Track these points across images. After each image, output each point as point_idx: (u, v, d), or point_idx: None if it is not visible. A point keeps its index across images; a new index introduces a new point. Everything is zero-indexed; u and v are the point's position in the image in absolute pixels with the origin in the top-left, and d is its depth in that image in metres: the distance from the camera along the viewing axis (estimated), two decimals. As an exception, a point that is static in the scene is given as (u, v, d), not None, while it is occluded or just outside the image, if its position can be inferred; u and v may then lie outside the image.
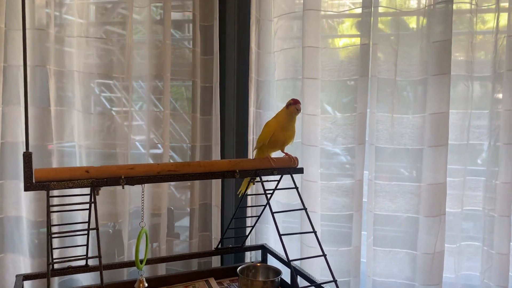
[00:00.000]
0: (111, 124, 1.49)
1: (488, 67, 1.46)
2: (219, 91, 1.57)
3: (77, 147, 1.45)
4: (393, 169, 1.49)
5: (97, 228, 0.87)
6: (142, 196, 1.09)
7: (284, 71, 1.59)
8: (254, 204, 1.61)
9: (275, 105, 1.61)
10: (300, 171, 1.17)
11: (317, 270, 1.51)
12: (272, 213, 1.03)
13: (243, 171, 1.09)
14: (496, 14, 1.44)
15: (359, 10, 1.46)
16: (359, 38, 1.46)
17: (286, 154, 1.18)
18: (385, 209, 1.49)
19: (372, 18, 1.44)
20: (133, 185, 0.99)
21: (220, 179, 1.59)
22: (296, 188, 1.10)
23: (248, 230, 1.49)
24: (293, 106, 1.11)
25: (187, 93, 1.64)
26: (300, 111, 1.13)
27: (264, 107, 1.65)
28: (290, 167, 1.15)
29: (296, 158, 1.16)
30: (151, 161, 1.54)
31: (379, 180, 1.49)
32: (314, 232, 1.03)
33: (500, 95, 1.43)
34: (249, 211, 1.57)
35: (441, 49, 1.39)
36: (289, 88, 1.60)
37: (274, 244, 1.63)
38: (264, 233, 1.67)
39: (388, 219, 1.49)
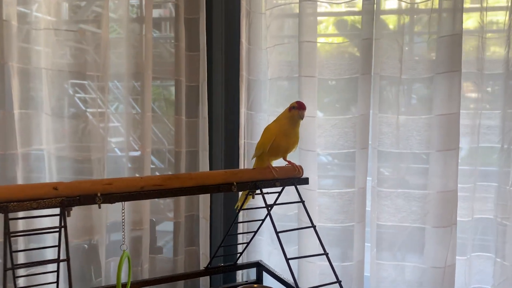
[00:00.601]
0: (86, 127, 1.32)
1: (499, 64, 1.35)
2: (207, 91, 1.42)
3: (46, 154, 1.27)
4: (398, 175, 1.36)
5: (67, 259, 0.71)
6: (123, 214, 0.92)
7: (278, 69, 1.45)
8: (246, 218, 1.46)
9: (268, 107, 1.47)
10: (305, 181, 1.02)
11: (315, 281, 1.37)
12: (277, 233, 0.88)
13: (241, 184, 0.94)
14: (508, 10, 1.33)
15: (361, 2, 1.33)
16: (361, 32, 1.33)
17: (289, 162, 1.03)
18: (390, 219, 1.36)
19: (375, 10, 1.32)
20: (112, 203, 0.83)
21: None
22: (302, 201, 0.96)
23: (240, 246, 1.34)
24: (296, 111, 0.97)
25: (170, 94, 1.49)
26: (302, 118, 0.98)
27: (256, 108, 1.50)
28: (294, 177, 1.01)
29: (300, 167, 1.02)
30: (129, 166, 1.37)
31: (383, 188, 1.36)
32: (326, 254, 0.89)
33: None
34: (240, 225, 1.41)
35: (451, 44, 1.27)
36: (283, 87, 1.46)
37: (267, 258, 1.48)
38: (256, 246, 1.52)
39: (394, 230, 1.37)
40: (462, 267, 1.38)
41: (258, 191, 0.98)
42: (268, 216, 1.08)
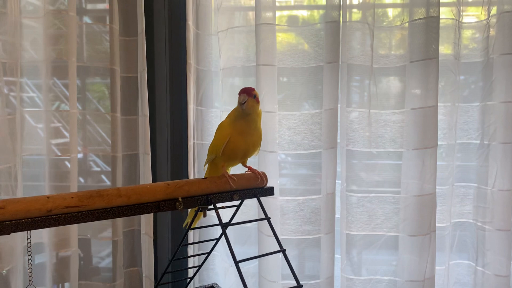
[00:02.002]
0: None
1: (477, 52, 1.21)
2: (147, 84, 1.19)
3: None
4: (371, 178, 1.20)
5: None
6: (29, 246, 0.69)
7: (232, 57, 1.24)
8: (196, 235, 1.25)
9: (222, 101, 1.26)
10: (270, 192, 0.82)
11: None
12: (236, 263, 0.68)
13: (189, 199, 0.73)
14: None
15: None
16: (327, 14, 1.15)
17: (250, 168, 0.83)
18: (362, 227, 1.20)
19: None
20: (5, 234, 0.59)
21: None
22: (268, 218, 0.76)
23: (190, 269, 1.13)
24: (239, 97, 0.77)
25: (102, 87, 1.25)
26: (244, 107, 0.77)
27: (207, 103, 1.29)
28: (257, 188, 0.81)
29: (264, 174, 0.81)
30: (52, 173, 1.12)
31: (354, 193, 1.19)
32: (300, 286, 0.70)
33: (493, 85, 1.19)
34: (190, 244, 1.20)
35: (427, 28, 1.12)
36: (239, 79, 1.25)
37: (223, 278, 1.28)
38: (209, 262, 1.31)
39: (366, 240, 1.20)
40: (440, 277, 1.24)
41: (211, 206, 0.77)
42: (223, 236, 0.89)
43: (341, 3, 1.14)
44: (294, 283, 0.70)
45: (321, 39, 1.17)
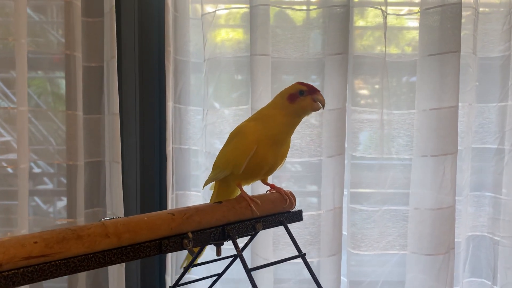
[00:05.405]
0: None
1: (495, 45, 1.09)
2: (117, 75, 0.96)
3: None
4: (382, 189, 1.04)
5: None
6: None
7: (220, 46, 1.04)
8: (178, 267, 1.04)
9: (206, 98, 1.05)
10: (298, 217, 0.62)
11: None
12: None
13: (200, 233, 0.51)
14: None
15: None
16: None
17: (273, 187, 0.62)
18: (373, 246, 1.04)
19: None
20: None
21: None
22: (303, 255, 0.57)
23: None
24: (308, 98, 0.57)
25: (57, 80, 1.01)
26: (323, 106, 0.58)
27: (186, 100, 1.07)
28: (284, 212, 0.61)
29: (291, 193, 0.61)
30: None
31: (363, 206, 1.03)
32: None
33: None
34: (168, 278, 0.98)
35: (448, 16, 0.98)
36: (227, 71, 1.05)
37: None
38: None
39: (376, 261, 1.05)
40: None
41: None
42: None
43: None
44: None
45: (326, 26, 0.99)
